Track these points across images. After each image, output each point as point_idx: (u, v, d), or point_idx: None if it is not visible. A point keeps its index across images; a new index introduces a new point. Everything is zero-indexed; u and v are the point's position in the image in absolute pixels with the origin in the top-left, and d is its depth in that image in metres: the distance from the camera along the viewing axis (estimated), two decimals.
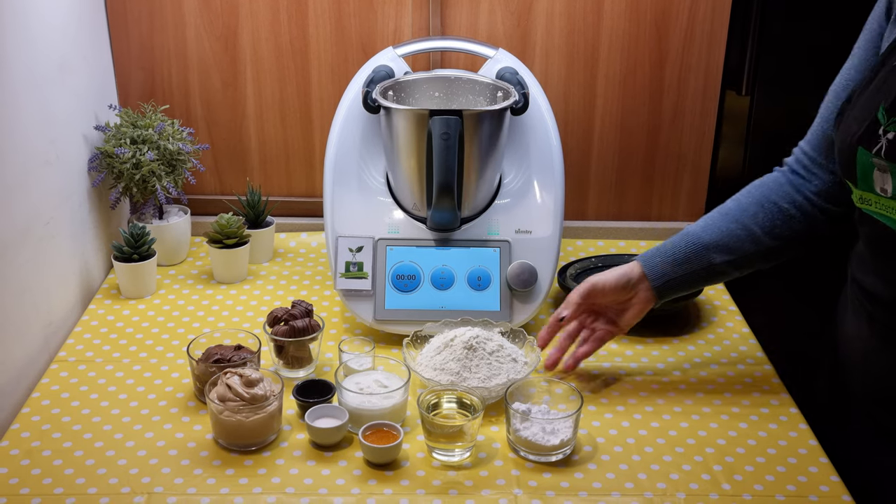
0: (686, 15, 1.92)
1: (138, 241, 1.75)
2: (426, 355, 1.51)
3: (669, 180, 2.07)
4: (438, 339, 1.52)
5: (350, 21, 1.92)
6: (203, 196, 2.05)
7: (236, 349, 1.50)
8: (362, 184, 1.70)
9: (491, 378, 1.45)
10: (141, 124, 1.82)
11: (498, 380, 1.45)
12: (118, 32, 1.93)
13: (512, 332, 1.55)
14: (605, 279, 1.49)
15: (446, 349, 1.49)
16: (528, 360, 1.50)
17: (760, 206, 1.43)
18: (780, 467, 1.35)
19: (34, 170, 1.56)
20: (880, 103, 1.20)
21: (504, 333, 1.55)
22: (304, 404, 1.42)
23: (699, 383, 1.55)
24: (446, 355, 1.48)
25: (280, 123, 2.01)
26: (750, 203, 1.45)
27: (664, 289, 1.48)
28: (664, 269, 1.47)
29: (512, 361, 1.48)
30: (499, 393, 1.44)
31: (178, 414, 1.45)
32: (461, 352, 1.47)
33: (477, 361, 1.47)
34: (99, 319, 1.71)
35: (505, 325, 1.56)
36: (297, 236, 2.04)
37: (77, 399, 1.48)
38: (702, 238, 1.45)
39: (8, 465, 1.33)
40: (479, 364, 1.47)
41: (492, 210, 1.68)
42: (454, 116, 1.54)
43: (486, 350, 1.48)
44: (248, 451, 1.36)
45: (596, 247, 2.04)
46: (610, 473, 1.33)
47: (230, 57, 1.95)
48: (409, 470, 1.33)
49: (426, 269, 1.63)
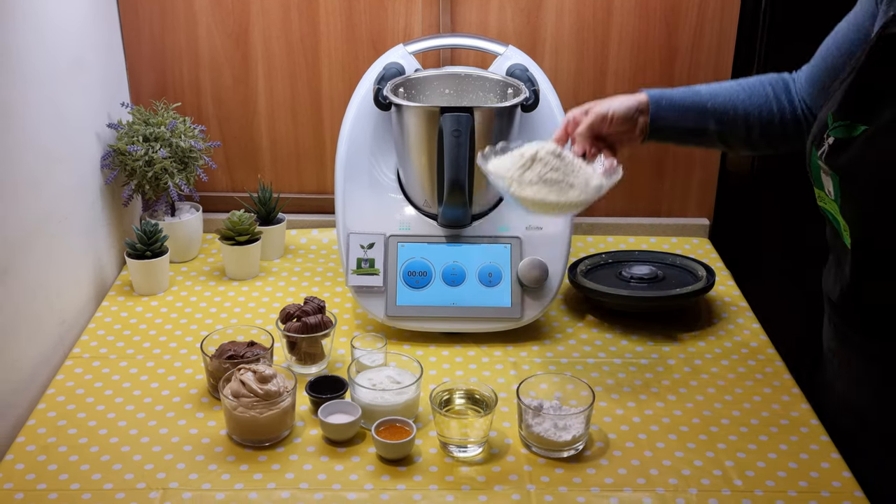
0: (696, 12, 1.92)
1: (151, 238, 1.76)
2: (510, 175, 1.39)
3: (679, 176, 2.07)
4: (510, 158, 1.42)
5: (361, 18, 1.92)
6: (215, 193, 2.06)
7: (249, 345, 1.51)
8: (373, 181, 1.70)
9: (589, 181, 1.40)
10: (153, 122, 1.82)
11: (594, 181, 1.40)
12: (130, 31, 1.94)
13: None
14: (615, 108, 1.42)
15: (536, 163, 1.38)
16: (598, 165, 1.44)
17: (765, 98, 1.43)
18: (791, 463, 1.35)
19: (48, 167, 1.57)
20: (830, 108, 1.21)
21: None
22: (317, 400, 1.43)
23: (710, 379, 1.56)
24: (539, 169, 1.38)
25: (291, 120, 2.01)
26: (757, 91, 1.44)
27: (656, 130, 1.44)
28: (667, 113, 1.44)
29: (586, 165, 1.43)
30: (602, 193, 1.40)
31: (192, 410, 1.46)
32: (554, 161, 1.39)
33: (569, 167, 1.40)
34: (112, 316, 1.72)
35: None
36: (308, 233, 2.05)
37: (92, 395, 1.49)
38: (706, 105, 1.43)
39: (24, 460, 1.34)
40: (572, 169, 1.40)
41: (503, 206, 1.69)
42: (465, 113, 1.55)
43: (570, 156, 1.41)
44: (261, 446, 1.37)
45: (606, 243, 2.04)
46: (622, 469, 1.34)
47: (241, 54, 1.95)
48: (422, 465, 1.34)
49: (437, 266, 1.64)
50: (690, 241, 2.06)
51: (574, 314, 1.75)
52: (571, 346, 1.65)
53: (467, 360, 1.60)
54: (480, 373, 1.57)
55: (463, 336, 1.65)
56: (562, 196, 1.37)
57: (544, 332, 1.68)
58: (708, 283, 1.74)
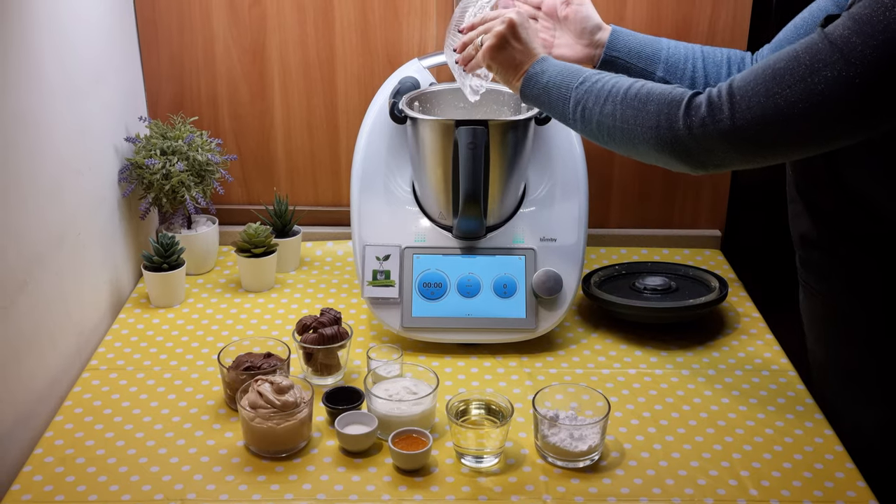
0: (706, 23, 1.93)
1: (168, 250, 1.78)
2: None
3: (691, 188, 2.07)
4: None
5: (376, 33, 1.94)
6: (231, 206, 2.07)
7: (266, 357, 1.52)
8: (389, 193, 1.72)
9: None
10: (170, 136, 1.84)
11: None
12: (149, 46, 1.96)
13: None
14: (583, 8, 1.55)
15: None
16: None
17: (718, 66, 1.53)
18: (806, 472, 1.35)
19: (67, 180, 1.59)
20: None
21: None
22: (333, 411, 1.44)
23: (724, 389, 1.56)
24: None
25: (307, 134, 2.03)
26: (715, 58, 1.54)
27: (608, 61, 1.54)
28: (622, 46, 1.53)
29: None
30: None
31: (209, 421, 1.47)
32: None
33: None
34: (129, 328, 1.73)
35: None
36: (323, 245, 2.06)
37: (109, 407, 1.50)
38: (661, 52, 1.53)
39: (42, 472, 1.35)
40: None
41: (517, 218, 1.70)
42: (480, 126, 1.56)
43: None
44: (278, 457, 1.38)
45: (619, 254, 2.05)
46: (637, 479, 1.34)
47: (258, 69, 1.97)
48: (439, 476, 1.35)
49: (453, 277, 1.65)
50: (702, 253, 2.07)
51: (588, 325, 1.76)
52: (586, 357, 1.65)
53: (482, 370, 1.61)
54: (496, 383, 1.58)
55: (478, 347, 1.66)
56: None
57: (559, 342, 1.69)
58: (721, 293, 1.75)
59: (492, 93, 1.73)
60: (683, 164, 1.26)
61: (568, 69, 1.38)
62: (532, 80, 1.39)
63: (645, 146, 1.28)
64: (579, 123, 1.35)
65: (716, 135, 1.20)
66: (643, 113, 1.27)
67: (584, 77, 1.35)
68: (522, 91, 1.41)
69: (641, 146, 1.29)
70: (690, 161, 1.25)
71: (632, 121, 1.28)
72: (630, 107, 1.28)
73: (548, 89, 1.38)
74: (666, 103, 1.25)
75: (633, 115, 1.28)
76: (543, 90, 1.38)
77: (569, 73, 1.37)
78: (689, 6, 1.92)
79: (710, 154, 1.22)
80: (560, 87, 1.36)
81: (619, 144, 1.33)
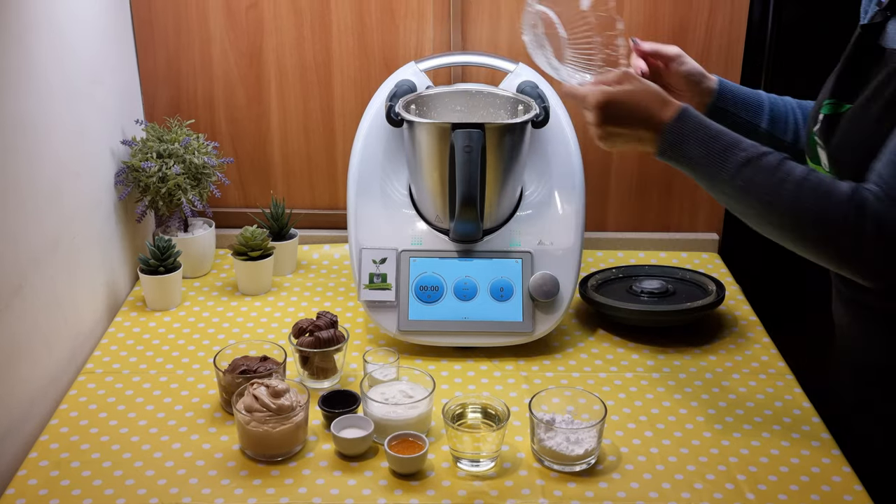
0: (703, 29, 1.93)
1: (164, 253, 1.77)
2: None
3: (688, 191, 2.07)
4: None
5: (372, 36, 1.94)
6: (227, 209, 2.07)
7: (262, 360, 1.52)
8: (385, 196, 1.72)
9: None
10: (167, 139, 1.84)
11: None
12: (145, 49, 1.96)
13: None
14: (689, 60, 1.51)
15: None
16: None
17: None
18: (803, 476, 1.35)
19: (64, 183, 1.58)
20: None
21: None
22: (329, 415, 1.44)
23: (721, 393, 1.56)
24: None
25: (303, 137, 2.03)
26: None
27: (715, 108, 1.49)
28: (728, 102, 1.49)
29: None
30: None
31: (205, 425, 1.47)
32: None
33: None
34: (125, 331, 1.73)
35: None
36: (320, 248, 2.06)
37: (104, 410, 1.50)
38: (763, 104, 1.50)
39: (37, 476, 1.34)
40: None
41: (513, 221, 1.70)
42: (476, 130, 1.56)
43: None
44: (274, 461, 1.38)
45: (616, 258, 2.05)
46: (634, 483, 1.34)
47: (255, 72, 1.97)
48: (435, 480, 1.34)
49: (449, 281, 1.65)
50: (700, 256, 2.07)
51: (585, 328, 1.75)
52: (583, 361, 1.65)
53: (479, 374, 1.61)
54: (492, 387, 1.57)
55: (475, 350, 1.66)
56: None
57: (555, 346, 1.69)
58: (718, 297, 1.75)
59: (488, 96, 1.73)
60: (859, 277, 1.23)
61: (707, 131, 1.28)
62: (666, 154, 1.31)
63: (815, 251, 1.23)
64: (739, 192, 1.26)
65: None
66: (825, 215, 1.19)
67: (742, 146, 1.27)
68: (661, 156, 1.33)
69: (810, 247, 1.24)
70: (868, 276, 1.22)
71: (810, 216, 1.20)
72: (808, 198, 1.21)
73: (692, 161, 1.29)
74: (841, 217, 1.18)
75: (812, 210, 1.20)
76: (685, 160, 1.29)
77: (713, 139, 1.27)
78: (685, 9, 1.92)
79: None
80: (711, 155, 1.27)
81: (777, 231, 1.25)
